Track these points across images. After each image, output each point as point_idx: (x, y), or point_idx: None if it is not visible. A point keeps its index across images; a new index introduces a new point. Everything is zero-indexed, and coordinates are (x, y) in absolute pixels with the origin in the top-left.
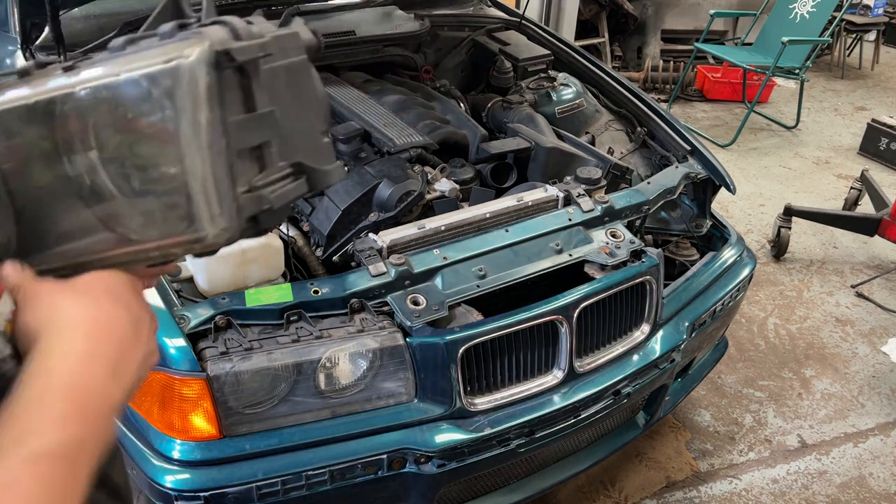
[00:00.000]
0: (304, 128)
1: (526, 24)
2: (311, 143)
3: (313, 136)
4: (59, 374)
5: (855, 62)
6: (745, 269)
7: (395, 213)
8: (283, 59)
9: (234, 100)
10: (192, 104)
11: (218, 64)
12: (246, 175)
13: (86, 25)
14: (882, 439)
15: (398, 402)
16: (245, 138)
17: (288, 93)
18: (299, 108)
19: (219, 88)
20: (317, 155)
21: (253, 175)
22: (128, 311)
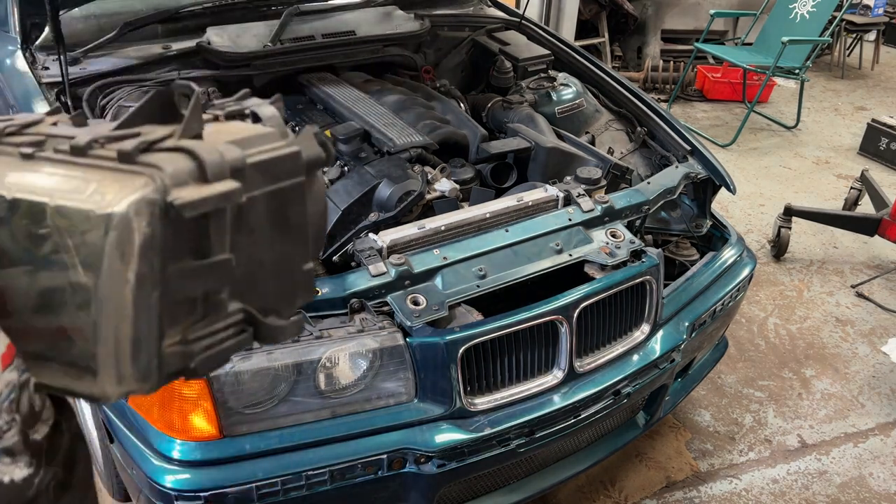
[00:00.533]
0: (278, 260)
1: (526, 24)
2: (286, 276)
3: (291, 267)
4: None
5: (855, 62)
6: (746, 269)
7: (395, 213)
8: (267, 186)
9: (180, 246)
10: (120, 259)
11: (163, 213)
12: (181, 324)
13: (86, 25)
14: (882, 439)
15: (398, 402)
16: (187, 288)
17: (266, 222)
18: (279, 237)
19: (158, 241)
20: (286, 292)
21: (190, 323)
22: None
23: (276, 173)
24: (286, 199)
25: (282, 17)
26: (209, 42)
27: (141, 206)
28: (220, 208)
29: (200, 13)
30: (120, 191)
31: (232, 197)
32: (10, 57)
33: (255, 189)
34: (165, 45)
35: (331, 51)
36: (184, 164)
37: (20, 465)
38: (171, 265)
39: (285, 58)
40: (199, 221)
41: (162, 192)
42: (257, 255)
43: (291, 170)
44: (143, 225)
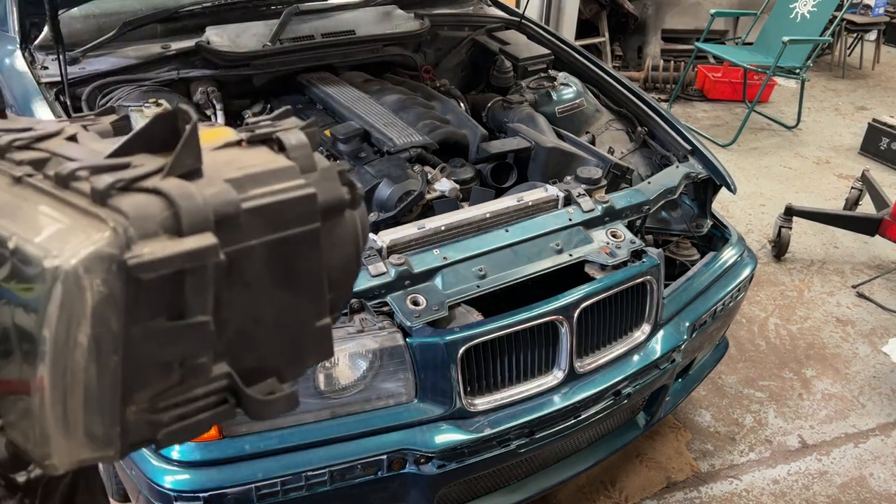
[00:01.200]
0: (284, 315)
1: (526, 24)
2: (292, 333)
3: (299, 323)
4: None
5: (855, 62)
6: (746, 270)
7: (394, 213)
8: (268, 234)
9: (151, 303)
10: (68, 320)
11: (123, 271)
12: (152, 387)
13: (85, 25)
14: (882, 439)
15: (398, 403)
16: (158, 351)
17: (266, 275)
18: (283, 293)
19: (116, 301)
20: (291, 352)
21: (163, 388)
22: None
23: (283, 220)
24: (294, 247)
25: (281, 17)
26: (208, 42)
27: (93, 263)
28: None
29: (200, 13)
30: (75, 241)
31: (205, 256)
32: (10, 57)
33: (253, 238)
34: (165, 45)
35: (330, 50)
36: (156, 210)
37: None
38: (136, 326)
39: (285, 57)
40: (174, 277)
41: (122, 246)
42: (253, 312)
43: (303, 215)
44: (96, 283)
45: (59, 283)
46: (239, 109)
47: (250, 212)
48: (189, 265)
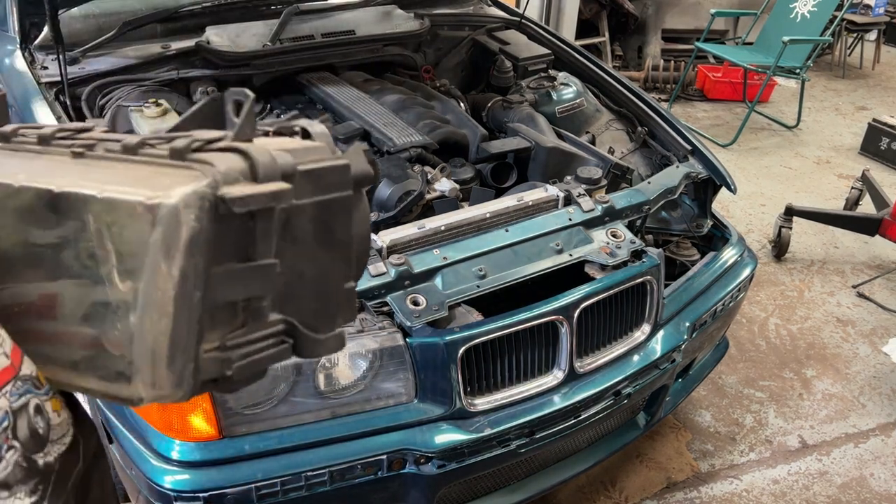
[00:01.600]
0: (319, 275)
1: (526, 24)
2: (328, 291)
3: (330, 284)
4: None
5: (856, 62)
6: (746, 270)
7: (394, 213)
8: (316, 196)
9: (226, 247)
10: (164, 254)
11: (213, 208)
12: (220, 329)
13: (85, 25)
14: (883, 440)
15: (398, 403)
16: (230, 291)
17: (311, 234)
18: (323, 251)
19: (205, 237)
20: (326, 309)
21: (229, 329)
22: None
23: (325, 184)
24: (332, 212)
25: (281, 17)
26: (208, 41)
27: (191, 199)
28: (269, 210)
29: (200, 13)
30: (170, 184)
31: (282, 197)
32: (9, 56)
33: (303, 197)
34: (164, 45)
35: (330, 50)
36: (236, 162)
37: (19, 495)
38: (215, 265)
39: (285, 57)
40: (247, 223)
41: (213, 187)
42: (299, 267)
43: (340, 183)
44: (191, 219)
45: (159, 221)
46: None
47: (302, 174)
48: (267, 205)
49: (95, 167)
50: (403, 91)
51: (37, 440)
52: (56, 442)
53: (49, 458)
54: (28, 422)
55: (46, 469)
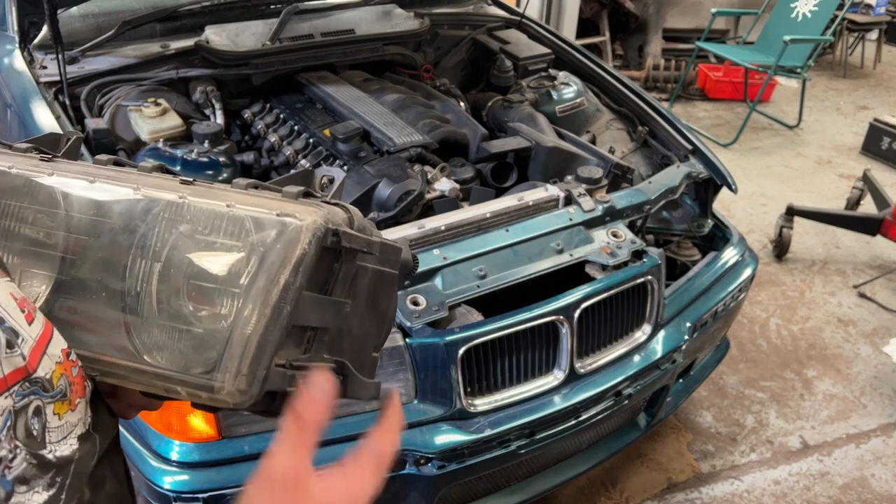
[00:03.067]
0: (361, 334)
1: (526, 23)
2: (361, 351)
3: (366, 346)
4: None
5: (857, 61)
6: (747, 270)
7: (394, 213)
8: (377, 265)
9: (316, 277)
10: (281, 262)
11: (323, 238)
12: (288, 351)
13: (84, 24)
14: (884, 440)
15: None
16: (308, 316)
17: (365, 296)
18: (367, 315)
19: (311, 259)
20: (360, 365)
21: (294, 355)
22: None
23: (384, 258)
24: (382, 284)
25: (281, 16)
26: (208, 41)
27: (312, 224)
28: (353, 256)
29: (199, 12)
30: (294, 210)
31: (373, 248)
32: (9, 56)
33: (370, 262)
34: (164, 44)
35: (330, 49)
36: (339, 211)
37: (37, 489)
38: (306, 289)
39: (284, 57)
40: (334, 262)
41: (326, 220)
42: (350, 321)
43: (393, 261)
44: (308, 239)
45: (288, 234)
46: (238, 109)
47: (376, 243)
48: (363, 248)
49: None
50: (403, 90)
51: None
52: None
53: (63, 452)
54: (25, 422)
55: (60, 462)
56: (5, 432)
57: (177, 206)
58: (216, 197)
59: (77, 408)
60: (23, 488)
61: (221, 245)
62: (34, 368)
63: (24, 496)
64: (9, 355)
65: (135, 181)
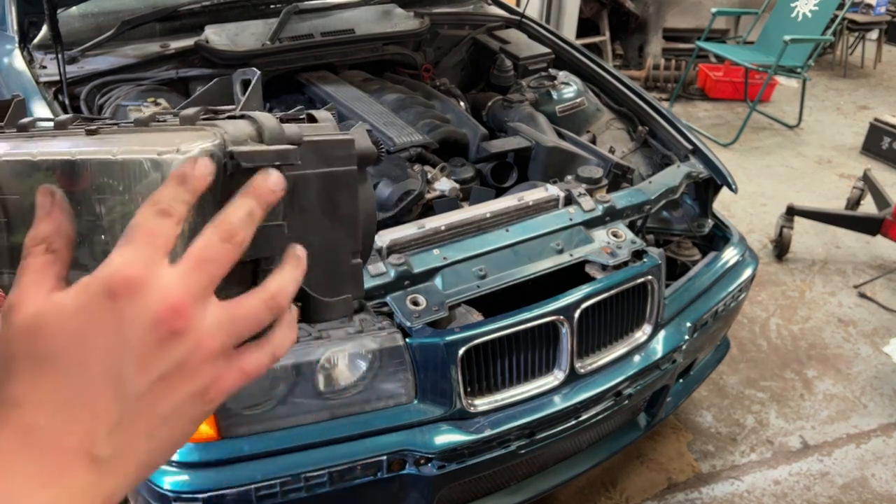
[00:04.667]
0: (326, 246)
1: (526, 23)
2: (335, 264)
3: (338, 256)
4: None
5: (857, 61)
6: (747, 270)
7: (394, 213)
8: (321, 168)
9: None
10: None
11: (221, 167)
12: (233, 289)
13: (84, 24)
14: (884, 440)
15: (398, 404)
16: None
17: (318, 206)
18: (329, 225)
19: (209, 194)
20: (333, 281)
21: (242, 289)
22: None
23: (330, 157)
24: (338, 185)
25: (280, 16)
26: (207, 41)
27: (199, 154)
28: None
29: (199, 11)
30: (180, 142)
31: (287, 157)
32: (8, 56)
33: (309, 168)
34: (164, 44)
35: (330, 49)
36: (244, 126)
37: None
38: None
39: (284, 56)
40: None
41: (220, 144)
42: (306, 237)
43: (344, 157)
44: None
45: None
46: None
47: (307, 145)
48: (273, 162)
49: (110, 140)
50: (403, 90)
51: None
52: None
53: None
54: None
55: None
56: None
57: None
58: (110, 143)
59: None
60: None
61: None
62: None
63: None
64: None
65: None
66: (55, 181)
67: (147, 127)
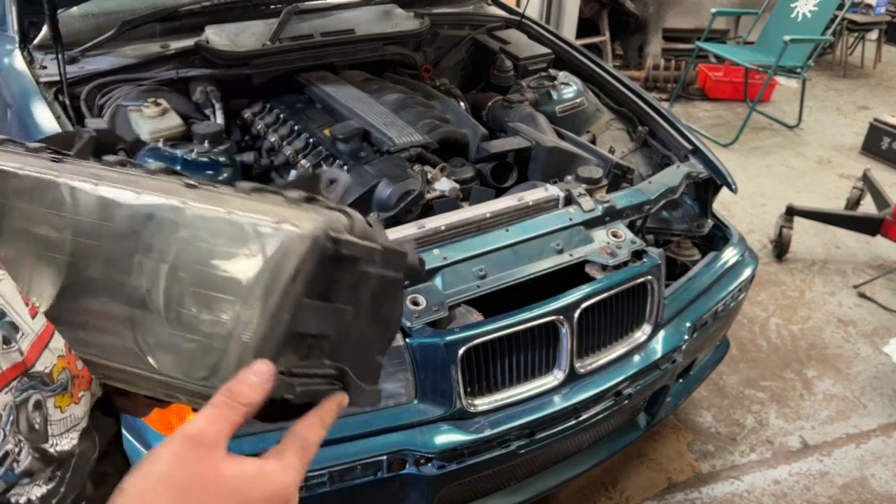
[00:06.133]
0: (365, 340)
1: (526, 23)
2: (364, 357)
3: (370, 351)
4: None
5: (857, 61)
6: (747, 270)
7: (394, 213)
8: (380, 269)
9: (317, 284)
10: (280, 269)
11: (322, 246)
12: (287, 358)
13: (84, 24)
14: (884, 440)
15: (398, 403)
16: (308, 324)
17: (368, 301)
18: (371, 321)
19: (310, 267)
20: (363, 371)
21: (295, 359)
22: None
23: (389, 263)
24: (386, 289)
25: (280, 16)
26: (208, 41)
27: (310, 232)
28: (355, 262)
29: (199, 12)
30: (292, 217)
31: (371, 253)
32: (8, 56)
33: (373, 267)
34: (164, 44)
35: (330, 49)
36: (341, 218)
37: (39, 482)
38: (306, 296)
39: (284, 56)
40: (334, 269)
41: (325, 228)
42: (352, 327)
43: (398, 266)
44: (306, 248)
45: (286, 242)
46: (238, 109)
47: (378, 250)
48: (363, 255)
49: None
50: (403, 90)
51: (35, 434)
52: (61, 436)
53: (63, 447)
54: (26, 416)
55: (62, 457)
56: (9, 427)
57: (178, 212)
58: (218, 202)
59: (81, 401)
60: (26, 480)
61: (222, 252)
62: (32, 363)
63: (25, 488)
64: (5, 351)
65: (138, 184)
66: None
67: (249, 195)
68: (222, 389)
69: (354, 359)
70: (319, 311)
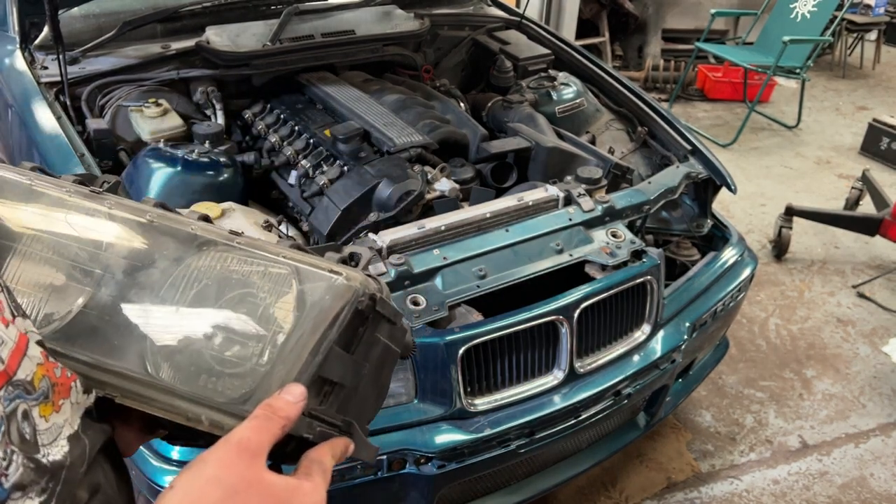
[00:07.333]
0: (366, 400)
1: (526, 24)
2: (361, 416)
3: (365, 412)
4: None
5: (856, 62)
6: (746, 270)
7: (394, 213)
8: (387, 339)
9: (345, 334)
10: (322, 313)
11: (361, 299)
12: (310, 399)
13: (85, 25)
14: (883, 440)
15: (398, 403)
16: (332, 369)
17: (374, 365)
18: (373, 384)
19: (348, 316)
20: (361, 429)
21: (314, 404)
22: None
23: (394, 335)
24: (386, 358)
25: (281, 17)
26: (208, 41)
27: (355, 285)
28: (377, 322)
29: (200, 12)
30: (349, 271)
31: (398, 320)
32: (10, 56)
33: (382, 336)
34: (164, 45)
35: (330, 50)
36: (373, 282)
37: (31, 494)
38: (334, 343)
39: (284, 57)
40: (359, 325)
41: (366, 285)
42: (361, 384)
43: (399, 340)
44: (350, 297)
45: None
46: (238, 109)
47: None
48: (391, 316)
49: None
50: (403, 91)
51: (27, 444)
52: (51, 445)
53: (55, 457)
54: (17, 426)
55: (54, 467)
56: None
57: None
58: (264, 248)
59: (61, 409)
60: (18, 494)
61: (272, 289)
62: (14, 370)
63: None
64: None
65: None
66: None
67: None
68: (262, 405)
69: (357, 415)
70: (344, 360)
